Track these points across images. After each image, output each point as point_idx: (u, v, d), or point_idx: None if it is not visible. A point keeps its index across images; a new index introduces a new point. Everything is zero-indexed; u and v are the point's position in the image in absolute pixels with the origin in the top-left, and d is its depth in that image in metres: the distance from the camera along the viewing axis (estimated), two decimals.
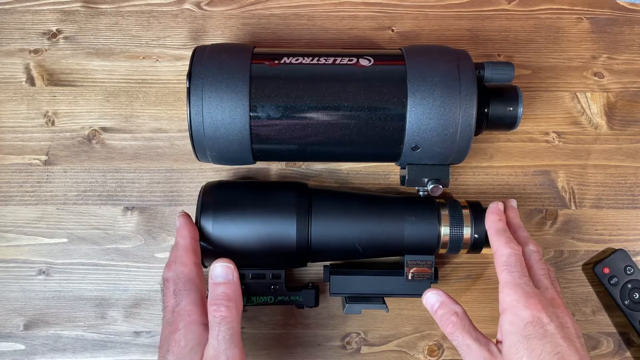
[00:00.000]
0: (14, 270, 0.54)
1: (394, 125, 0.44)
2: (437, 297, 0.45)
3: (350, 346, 0.55)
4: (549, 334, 0.40)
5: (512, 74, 0.46)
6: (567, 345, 0.40)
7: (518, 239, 0.47)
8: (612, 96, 0.55)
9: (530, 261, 0.46)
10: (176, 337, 0.41)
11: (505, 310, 0.42)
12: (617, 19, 0.56)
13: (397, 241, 0.48)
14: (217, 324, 0.41)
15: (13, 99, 0.54)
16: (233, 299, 0.42)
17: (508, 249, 0.44)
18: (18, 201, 0.53)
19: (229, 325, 0.41)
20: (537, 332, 0.40)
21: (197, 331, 0.42)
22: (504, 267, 0.44)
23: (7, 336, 0.53)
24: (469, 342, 0.43)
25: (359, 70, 0.45)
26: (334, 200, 0.49)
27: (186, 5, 0.55)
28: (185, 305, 0.43)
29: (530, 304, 0.41)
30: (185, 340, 0.41)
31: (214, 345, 0.40)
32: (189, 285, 0.44)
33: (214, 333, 0.41)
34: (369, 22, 0.55)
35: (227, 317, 0.41)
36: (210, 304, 0.42)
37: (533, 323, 0.40)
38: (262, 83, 0.44)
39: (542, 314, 0.41)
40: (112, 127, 0.54)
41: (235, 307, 0.42)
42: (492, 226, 0.47)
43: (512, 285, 0.42)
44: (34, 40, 0.54)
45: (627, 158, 0.55)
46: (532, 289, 0.42)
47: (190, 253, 0.45)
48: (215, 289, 0.42)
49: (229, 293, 0.42)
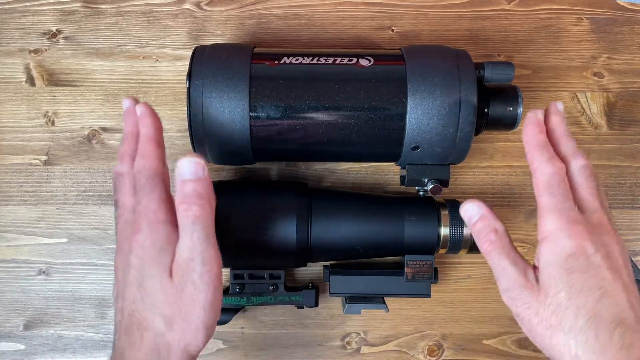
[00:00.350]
0: (13, 270, 0.54)
1: (394, 125, 0.44)
2: (478, 209, 0.40)
3: (350, 346, 0.55)
4: (594, 267, 0.36)
5: (512, 74, 0.46)
6: (612, 278, 0.36)
7: (561, 153, 0.40)
8: (612, 96, 0.55)
9: (575, 180, 0.39)
10: (139, 238, 0.38)
11: (545, 239, 0.37)
12: (617, 19, 0.56)
13: (397, 241, 0.48)
14: (191, 224, 0.37)
15: (13, 99, 0.54)
16: (205, 197, 0.38)
17: (550, 167, 0.38)
18: (18, 201, 0.54)
19: (204, 225, 0.37)
20: (580, 265, 0.36)
21: (165, 230, 0.38)
22: (545, 188, 0.38)
23: (7, 336, 0.53)
24: (505, 265, 0.38)
25: (359, 71, 0.45)
26: (334, 200, 0.49)
27: (186, 5, 0.55)
28: (148, 203, 0.38)
29: (574, 232, 0.36)
30: (152, 241, 0.37)
31: (189, 246, 0.37)
32: (154, 180, 0.39)
33: (187, 234, 0.37)
34: (369, 22, 0.55)
35: (200, 216, 0.37)
36: (179, 202, 0.38)
37: (576, 255, 0.36)
38: (262, 83, 0.44)
39: (587, 243, 0.36)
40: (112, 127, 0.54)
41: (208, 204, 0.38)
42: (532, 140, 0.40)
43: (554, 211, 0.37)
44: (34, 40, 0.54)
45: (627, 158, 0.55)
46: (577, 214, 0.37)
47: (155, 145, 0.40)
48: (184, 187, 0.38)
49: (199, 190, 0.38)
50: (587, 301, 0.35)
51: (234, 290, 0.49)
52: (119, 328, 0.38)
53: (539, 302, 0.37)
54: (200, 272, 0.37)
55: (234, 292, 0.49)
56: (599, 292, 0.35)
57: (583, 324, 0.35)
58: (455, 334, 0.55)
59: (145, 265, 0.37)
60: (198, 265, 0.37)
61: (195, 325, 0.37)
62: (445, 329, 0.55)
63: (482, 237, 0.40)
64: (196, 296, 0.37)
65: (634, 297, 0.36)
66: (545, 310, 0.36)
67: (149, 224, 0.38)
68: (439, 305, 0.55)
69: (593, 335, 0.34)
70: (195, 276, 0.37)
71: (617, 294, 0.35)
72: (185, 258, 0.37)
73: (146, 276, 0.37)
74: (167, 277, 0.37)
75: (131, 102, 0.41)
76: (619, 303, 0.35)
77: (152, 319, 0.37)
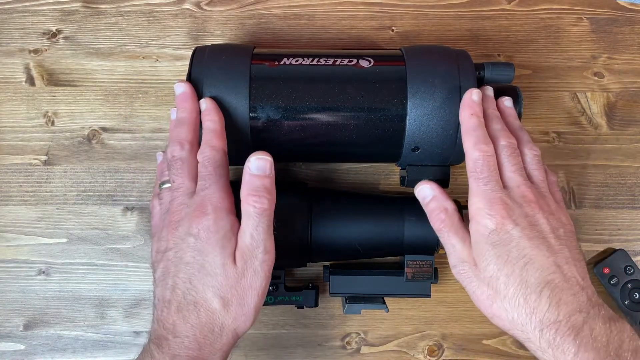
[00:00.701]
0: (13, 270, 0.53)
1: (394, 126, 0.44)
2: (431, 190, 0.44)
3: (350, 346, 0.55)
4: (515, 239, 0.39)
5: (513, 75, 0.46)
6: (534, 245, 0.39)
7: (490, 134, 0.43)
8: (612, 96, 0.55)
9: (500, 159, 0.42)
10: (204, 221, 0.40)
11: (471, 219, 0.41)
12: (617, 19, 0.56)
13: (397, 241, 0.48)
14: (258, 215, 0.40)
15: (13, 99, 0.54)
16: (272, 192, 0.41)
17: (476, 151, 0.41)
18: (18, 201, 0.53)
19: (269, 218, 0.40)
20: (502, 239, 0.39)
21: (229, 219, 0.40)
22: (471, 173, 0.41)
23: (7, 336, 0.53)
24: (454, 242, 0.42)
25: (359, 71, 0.45)
26: (334, 200, 0.49)
27: (186, 5, 0.55)
28: (215, 190, 0.41)
29: (493, 210, 0.40)
30: (217, 227, 0.40)
31: (253, 235, 0.40)
32: (220, 170, 0.41)
33: (253, 223, 0.40)
34: (369, 22, 0.55)
35: (268, 209, 0.40)
36: (249, 194, 0.40)
37: (497, 230, 0.39)
38: (262, 84, 0.44)
39: (505, 220, 0.39)
40: (112, 127, 0.54)
41: (273, 200, 0.41)
42: (463, 124, 0.43)
43: (477, 193, 0.41)
44: (34, 40, 0.54)
45: (627, 158, 0.55)
46: (497, 193, 0.40)
47: (222, 139, 0.42)
48: (254, 180, 0.40)
49: (268, 186, 0.41)
50: (513, 269, 0.39)
51: None
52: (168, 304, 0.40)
53: (476, 276, 0.41)
54: (261, 259, 0.40)
55: None
56: (523, 261, 0.39)
57: (513, 290, 0.39)
58: (455, 334, 0.55)
59: (209, 248, 0.40)
60: (260, 253, 0.40)
61: (249, 309, 0.40)
62: (445, 329, 0.55)
63: (434, 217, 0.43)
64: (254, 282, 0.40)
65: (562, 258, 0.39)
66: (482, 282, 0.40)
67: (215, 210, 0.40)
68: (439, 305, 0.55)
69: (523, 300, 0.38)
70: (257, 263, 0.40)
71: (541, 259, 0.39)
72: (249, 246, 0.40)
73: (209, 258, 0.39)
74: (231, 262, 0.40)
75: (186, 88, 0.43)
76: (545, 267, 0.38)
77: (211, 299, 0.39)
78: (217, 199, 0.40)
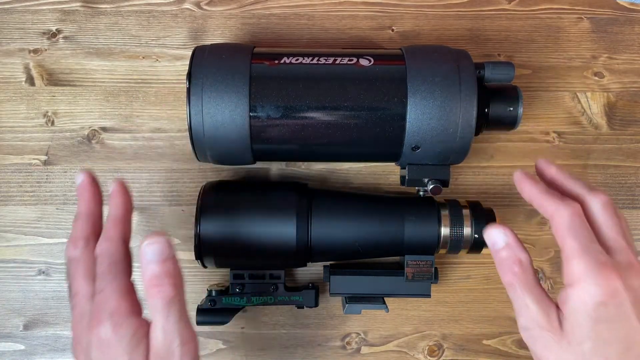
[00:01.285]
0: (13, 270, 0.53)
1: (394, 125, 0.44)
2: (504, 236, 0.38)
3: (350, 346, 0.55)
4: (623, 316, 0.34)
5: (513, 74, 0.46)
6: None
7: (572, 194, 0.38)
8: (613, 96, 0.55)
9: (597, 218, 0.37)
10: (102, 331, 0.35)
11: (573, 284, 0.35)
12: (617, 18, 0.56)
13: (397, 241, 0.48)
14: (166, 306, 0.35)
15: (13, 99, 0.54)
16: (176, 275, 0.36)
17: (569, 208, 0.36)
18: (18, 201, 0.53)
19: (179, 305, 0.36)
20: (609, 315, 0.34)
21: (131, 323, 0.36)
22: (567, 231, 0.36)
23: (7, 336, 0.53)
24: (528, 302, 0.36)
25: (359, 70, 0.45)
26: (334, 201, 0.49)
27: (186, 5, 0.55)
28: (111, 293, 0.36)
29: (602, 277, 0.34)
30: (117, 336, 0.35)
31: (165, 329, 0.35)
32: (117, 267, 0.37)
33: (163, 316, 0.35)
34: (369, 22, 0.55)
35: (175, 296, 0.35)
36: (150, 285, 0.36)
37: (605, 303, 0.34)
38: (262, 83, 0.44)
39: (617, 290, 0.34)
40: (111, 127, 0.54)
41: (180, 284, 0.36)
42: (534, 189, 0.38)
43: (580, 254, 0.35)
44: (34, 40, 0.54)
45: (627, 158, 0.55)
46: (605, 256, 0.35)
47: (122, 226, 0.38)
48: (152, 268, 0.36)
49: (170, 270, 0.36)
50: (611, 353, 0.34)
51: (234, 291, 0.49)
52: None
53: (560, 347, 0.35)
54: (180, 353, 0.35)
55: (234, 292, 0.49)
56: (625, 345, 0.34)
57: None
58: (455, 334, 0.55)
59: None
60: (177, 347, 0.35)
61: None
62: (445, 329, 0.55)
63: (505, 268, 0.37)
64: None
65: None
66: (566, 356, 0.35)
67: (111, 317, 0.36)
68: (439, 305, 0.55)
69: None
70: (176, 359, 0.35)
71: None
72: (163, 343, 0.35)
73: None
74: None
75: (85, 177, 0.41)
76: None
77: None
78: (113, 302, 0.36)
